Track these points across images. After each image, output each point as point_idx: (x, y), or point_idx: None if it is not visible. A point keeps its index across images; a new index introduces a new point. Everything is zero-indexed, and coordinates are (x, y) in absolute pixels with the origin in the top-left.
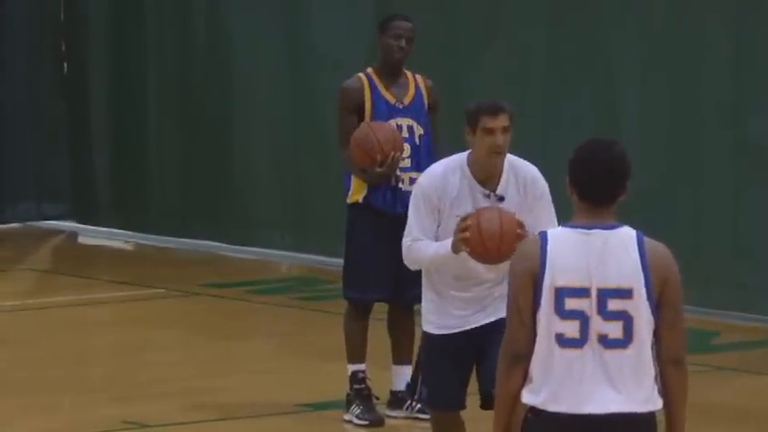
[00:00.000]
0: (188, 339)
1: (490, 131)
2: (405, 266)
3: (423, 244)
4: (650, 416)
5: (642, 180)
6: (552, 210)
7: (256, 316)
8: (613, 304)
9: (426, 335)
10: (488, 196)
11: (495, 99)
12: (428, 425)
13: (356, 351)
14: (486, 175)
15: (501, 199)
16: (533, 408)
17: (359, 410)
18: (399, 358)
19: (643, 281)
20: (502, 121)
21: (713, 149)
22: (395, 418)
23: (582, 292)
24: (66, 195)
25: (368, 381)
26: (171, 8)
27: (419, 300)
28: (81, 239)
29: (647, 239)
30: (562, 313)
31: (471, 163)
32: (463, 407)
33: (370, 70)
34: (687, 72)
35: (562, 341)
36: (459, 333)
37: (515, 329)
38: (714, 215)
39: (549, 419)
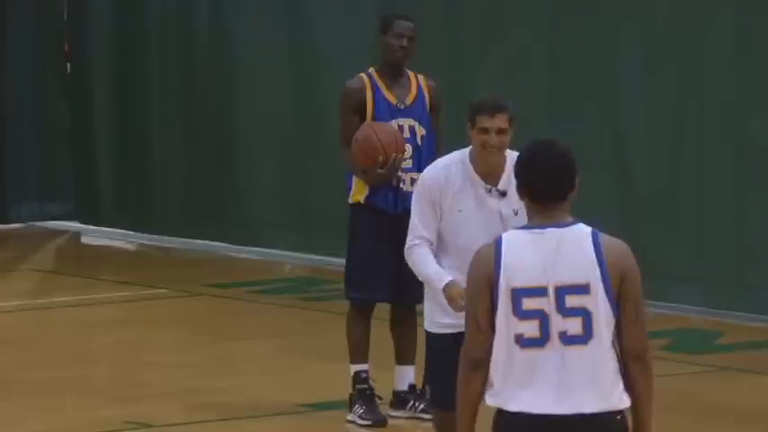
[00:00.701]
0: (191, 339)
1: (485, 131)
2: (406, 266)
3: (423, 256)
4: (616, 414)
5: (645, 180)
6: None
7: (259, 316)
8: (571, 300)
9: (428, 334)
10: (490, 191)
11: (497, 97)
12: (431, 425)
13: (359, 351)
14: (487, 171)
15: (503, 194)
16: (498, 409)
17: (362, 410)
18: (402, 358)
19: (600, 276)
20: (499, 121)
21: (717, 150)
22: (398, 418)
23: (539, 292)
24: (69, 195)
25: (371, 381)
26: (174, 8)
27: (421, 299)
28: (84, 240)
29: (602, 235)
30: (520, 314)
31: (473, 158)
32: None
33: (371, 70)
34: (691, 72)
35: (522, 341)
36: (460, 333)
37: (473, 335)
38: (717, 215)
39: (512, 420)
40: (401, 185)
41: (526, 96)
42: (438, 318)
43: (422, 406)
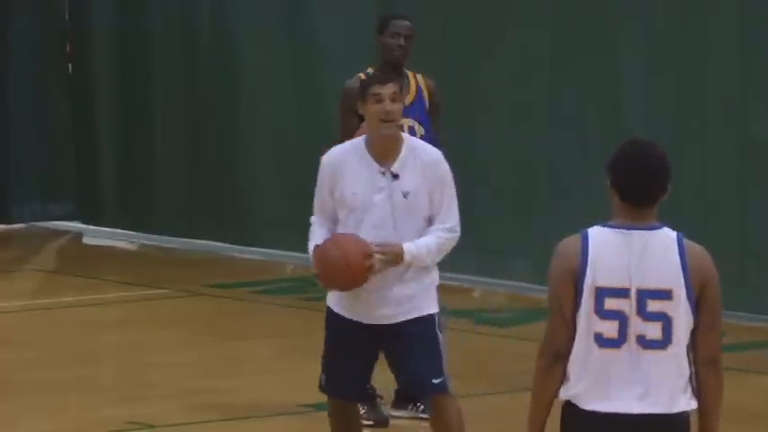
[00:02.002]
0: (193, 340)
1: (378, 98)
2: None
3: (313, 233)
4: (684, 416)
5: None
6: (455, 196)
7: (262, 316)
8: (653, 305)
9: (328, 311)
10: (384, 173)
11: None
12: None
13: None
14: (382, 152)
15: (396, 177)
16: (570, 403)
17: (363, 410)
18: None
19: (683, 282)
20: (390, 88)
21: (718, 149)
22: (399, 417)
23: (622, 293)
24: (71, 196)
25: (372, 381)
26: (176, 9)
27: None
28: (86, 240)
29: (686, 241)
30: (601, 313)
31: (368, 139)
32: (360, 399)
33: (370, 70)
34: (692, 71)
35: (601, 341)
36: (357, 322)
37: (557, 328)
38: (719, 215)
39: (583, 417)
40: None
41: (528, 96)
42: (343, 302)
43: (423, 406)
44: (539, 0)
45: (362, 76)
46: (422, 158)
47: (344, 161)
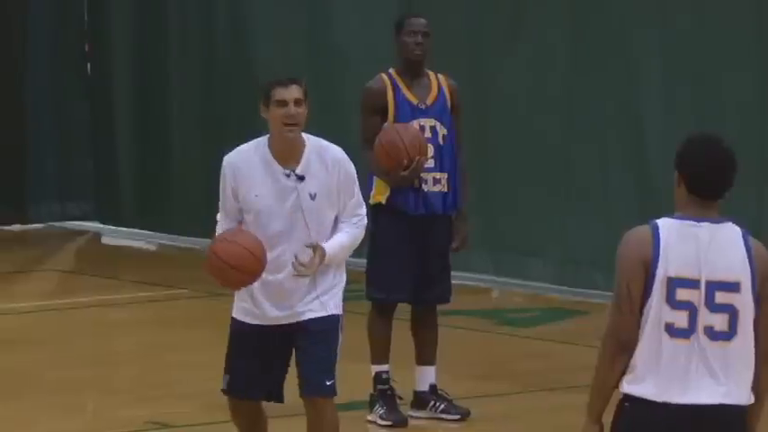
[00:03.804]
0: (212, 340)
1: (282, 103)
2: (427, 267)
3: (219, 231)
4: (744, 408)
5: (665, 180)
6: (359, 192)
7: None
8: (721, 297)
9: (233, 320)
10: (288, 176)
11: (288, 74)
12: (452, 425)
13: (380, 352)
14: (285, 154)
15: (301, 178)
16: (631, 396)
17: (382, 411)
18: (422, 359)
19: (750, 275)
20: (294, 92)
21: (735, 147)
22: (418, 418)
23: (692, 284)
24: (89, 196)
25: (391, 381)
26: (194, 9)
27: (442, 300)
28: (104, 240)
29: (750, 237)
30: (673, 303)
31: (270, 142)
32: (262, 397)
33: (392, 71)
34: (709, 70)
35: (672, 331)
36: (263, 326)
37: (625, 317)
38: (736, 213)
39: (652, 409)
40: (423, 186)
41: (546, 97)
42: (247, 309)
43: (442, 406)
44: (557, 1)
45: (384, 76)
46: (325, 158)
47: (246, 163)
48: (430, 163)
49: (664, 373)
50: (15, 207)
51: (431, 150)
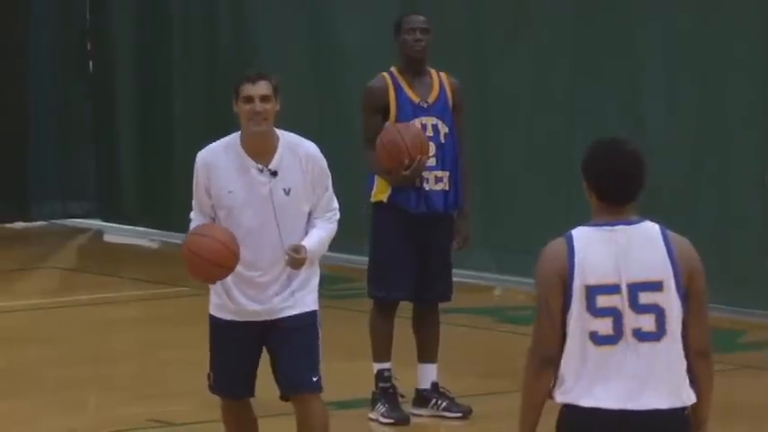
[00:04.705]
0: None
1: (248, 99)
2: (429, 265)
3: (193, 224)
4: (684, 409)
5: (668, 180)
6: (331, 189)
7: None
8: (645, 297)
9: (212, 318)
10: (262, 171)
11: (259, 69)
12: (454, 423)
13: (382, 349)
14: (257, 150)
15: (274, 174)
16: (568, 404)
17: (384, 409)
18: (425, 357)
19: (672, 273)
20: (262, 88)
21: (739, 146)
22: (420, 416)
23: (613, 289)
24: (91, 194)
25: (393, 379)
26: (196, 8)
27: (444, 298)
28: (106, 238)
29: (670, 232)
30: (595, 311)
31: (242, 137)
32: (249, 395)
33: (393, 69)
34: (713, 69)
35: (596, 339)
36: (239, 322)
37: (547, 332)
38: (740, 213)
39: (586, 416)
40: (424, 185)
41: (548, 95)
42: (223, 305)
43: (444, 404)
44: (561, 0)
45: (386, 75)
46: (299, 153)
47: (219, 159)
48: (432, 161)
49: (591, 381)
50: (18, 205)
51: (432, 149)
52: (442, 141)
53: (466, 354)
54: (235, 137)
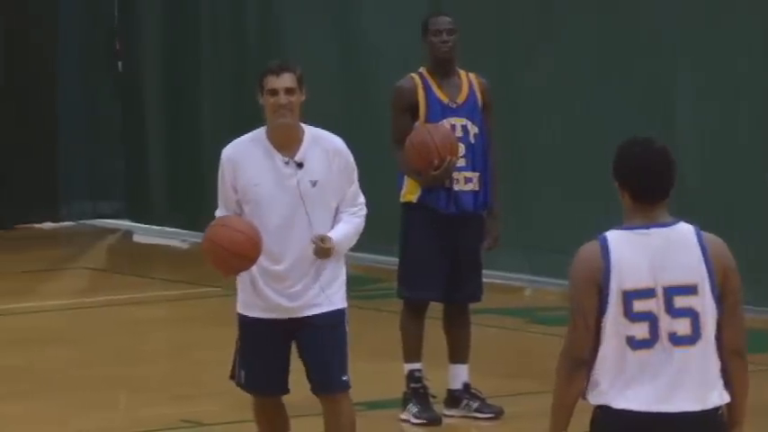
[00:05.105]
0: None
1: (273, 92)
2: (459, 266)
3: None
4: (718, 410)
5: (696, 179)
6: (357, 184)
7: None
8: (680, 301)
9: (241, 317)
10: (288, 163)
11: (283, 59)
12: (485, 424)
13: (413, 350)
14: (283, 142)
15: (300, 165)
16: (601, 406)
17: (416, 409)
18: (456, 357)
19: (706, 275)
20: (286, 80)
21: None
22: (451, 416)
23: (648, 293)
24: (120, 194)
25: (424, 380)
26: (224, 8)
27: (474, 299)
28: (136, 238)
29: (704, 233)
30: (631, 316)
31: (267, 131)
32: (283, 392)
33: (422, 70)
34: (741, 68)
35: (633, 343)
36: (273, 319)
37: (581, 335)
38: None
39: (617, 417)
40: (454, 185)
41: (577, 94)
42: (251, 302)
43: (476, 405)
44: (586, 1)
45: (415, 75)
46: (325, 146)
47: (245, 153)
48: (461, 162)
49: (627, 383)
50: (47, 205)
51: (462, 149)
52: (472, 142)
53: (496, 354)
54: (260, 131)
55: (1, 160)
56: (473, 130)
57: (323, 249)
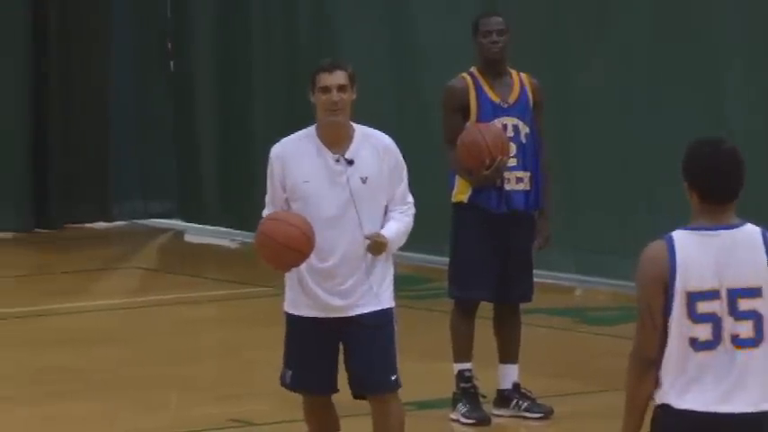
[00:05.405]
0: None
1: (326, 89)
2: (509, 265)
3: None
4: None
5: (749, 180)
6: (407, 183)
7: None
8: (744, 304)
9: (288, 316)
10: (338, 160)
11: (334, 58)
12: (535, 424)
13: (462, 350)
14: (333, 140)
15: (350, 162)
16: (665, 405)
17: (465, 409)
18: (505, 357)
19: None
20: (338, 78)
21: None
22: (501, 416)
23: (713, 295)
24: (172, 193)
25: (474, 379)
26: (277, 8)
27: (525, 299)
28: (187, 237)
29: None
30: (695, 317)
31: (318, 127)
32: (333, 391)
33: (473, 70)
34: None
35: (696, 345)
36: (319, 317)
37: (649, 335)
38: None
39: (678, 417)
40: (505, 185)
41: (628, 94)
42: (299, 300)
43: (525, 404)
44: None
45: (466, 75)
46: (375, 144)
47: (294, 151)
48: (512, 162)
49: (688, 384)
50: (99, 205)
51: (513, 149)
52: (523, 141)
53: (546, 354)
54: (310, 129)
55: (53, 160)
56: (524, 129)
57: (378, 244)
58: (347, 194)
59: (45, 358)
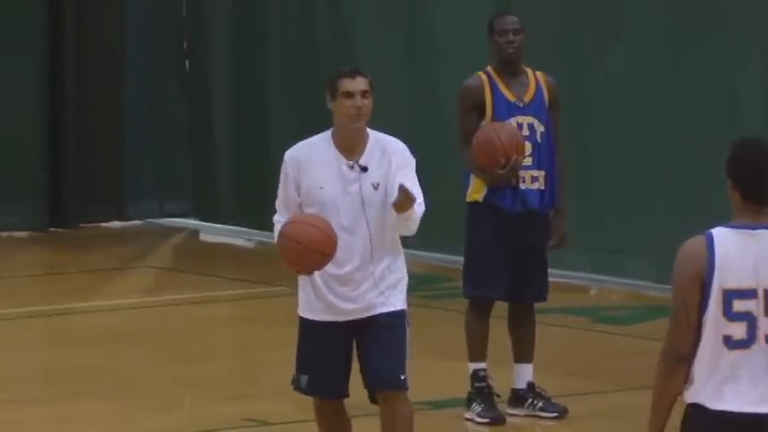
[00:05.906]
0: None
1: (349, 94)
2: (525, 265)
3: (277, 227)
4: None
5: None
6: (415, 177)
7: None
8: None
9: (302, 320)
10: (352, 167)
11: (353, 65)
12: (550, 423)
13: (477, 349)
14: (349, 145)
15: (364, 169)
16: (696, 404)
17: (480, 408)
18: (520, 356)
19: None
20: (360, 84)
21: None
22: (516, 416)
23: (749, 294)
24: (187, 193)
25: (489, 379)
26: (293, 9)
27: (539, 298)
28: (202, 237)
29: None
30: (730, 315)
31: (334, 133)
32: (344, 395)
33: (489, 69)
34: None
35: (730, 343)
36: (332, 322)
37: (683, 330)
38: None
39: (712, 418)
40: (520, 184)
41: (644, 93)
42: (313, 305)
43: (540, 404)
44: (655, 0)
45: (482, 74)
46: (386, 150)
47: (310, 155)
48: (528, 161)
49: (721, 383)
50: (114, 204)
51: (528, 148)
52: (539, 140)
53: (561, 354)
54: (325, 134)
55: (69, 159)
56: (540, 128)
57: (407, 199)
58: (359, 202)
59: (59, 357)
